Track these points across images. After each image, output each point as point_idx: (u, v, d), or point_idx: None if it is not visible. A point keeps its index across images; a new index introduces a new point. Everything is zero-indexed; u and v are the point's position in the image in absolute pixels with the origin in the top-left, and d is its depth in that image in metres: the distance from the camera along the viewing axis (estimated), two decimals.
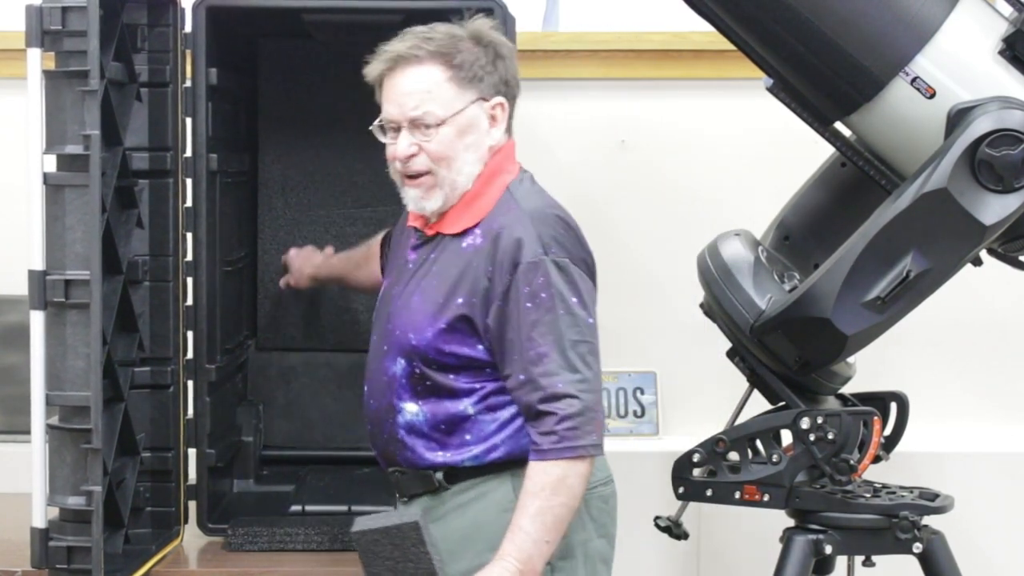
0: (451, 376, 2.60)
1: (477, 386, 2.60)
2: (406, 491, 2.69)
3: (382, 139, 2.68)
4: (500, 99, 2.64)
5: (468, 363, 2.59)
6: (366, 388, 2.73)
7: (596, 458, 2.57)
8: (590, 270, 2.62)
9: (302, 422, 3.59)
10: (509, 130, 2.70)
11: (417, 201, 2.65)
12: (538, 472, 2.51)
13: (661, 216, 3.85)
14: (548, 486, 2.50)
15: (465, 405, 2.60)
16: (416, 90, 2.61)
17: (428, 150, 2.61)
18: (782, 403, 3.01)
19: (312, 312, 3.59)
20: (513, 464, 2.60)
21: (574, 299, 2.55)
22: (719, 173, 3.86)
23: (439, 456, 2.62)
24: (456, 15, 3.23)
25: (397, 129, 2.64)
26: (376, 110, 3.53)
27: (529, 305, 2.53)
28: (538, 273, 2.53)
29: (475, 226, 2.62)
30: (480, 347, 2.59)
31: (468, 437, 2.61)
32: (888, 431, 3.11)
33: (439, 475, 2.63)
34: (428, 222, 2.68)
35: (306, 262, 3.37)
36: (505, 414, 2.61)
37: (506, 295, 2.54)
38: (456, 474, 2.63)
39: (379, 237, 3.12)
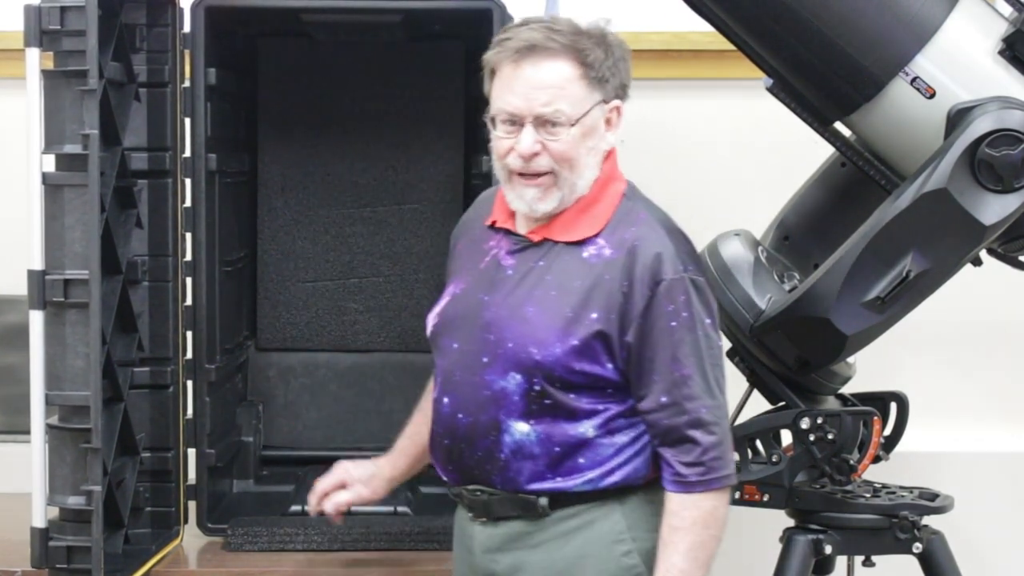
0: (572, 396, 2.43)
1: (600, 407, 2.44)
2: (493, 513, 2.50)
3: (493, 131, 2.48)
4: (618, 102, 2.49)
5: (594, 383, 2.44)
6: (448, 399, 2.50)
7: None
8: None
9: (302, 422, 3.59)
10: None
11: (533, 202, 2.46)
12: (687, 506, 2.41)
13: None
14: (700, 520, 2.40)
15: (585, 428, 2.44)
16: (549, 85, 2.42)
17: (553, 150, 2.43)
18: (782, 403, 3.00)
19: (312, 312, 3.59)
20: (623, 491, 2.46)
21: (708, 320, 2.44)
22: (719, 173, 3.86)
23: (547, 480, 2.45)
24: (456, 15, 3.25)
25: (515, 123, 2.44)
26: (376, 108, 3.56)
27: (674, 324, 2.40)
28: (679, 291, 2.41)
29: (596, 235, 2.46)
30: (610, 366, 2.43)
31: (582, 461, 2.45)
32: (888, 431, 3.11)
33: (543, 501, 2.46)
34: (520, 224, 2.52)
35: (375, 477, 2.85)
36: (623, 439, 2.46)
37: (646, 312, 2.40)
38: (562, 499, 2.47)
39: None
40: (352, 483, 2.81)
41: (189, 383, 3.17)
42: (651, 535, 2.46)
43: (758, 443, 2.97)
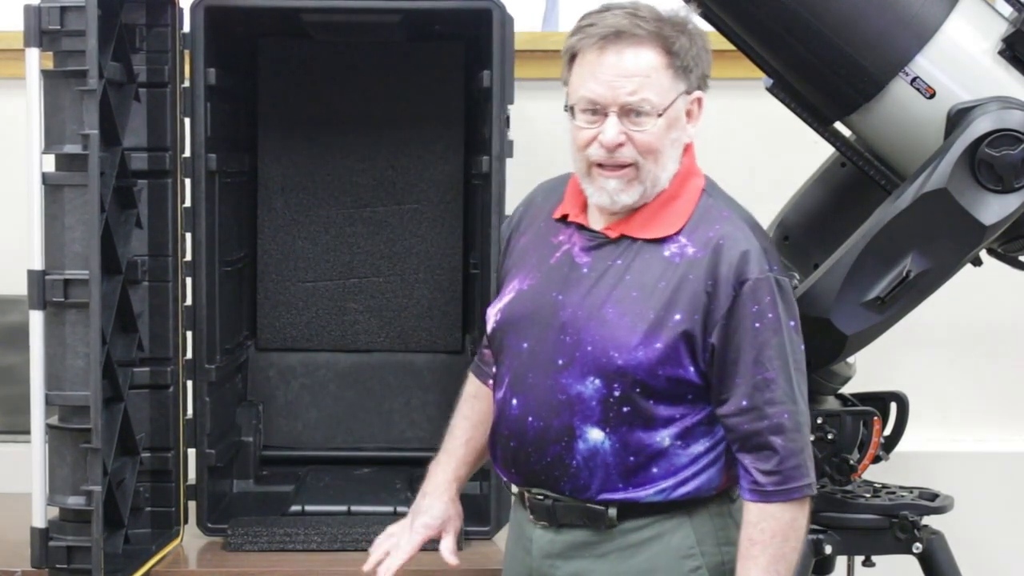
0: (651, 402, 2.35)
1: (678, 415, 2.36)
2: (557, 519, 2.43)
3: (573, 121, 2.38)
4: (700, 93, 2.41)
5: (675, 388, 2.35)
6: (516, 401, 2.41)
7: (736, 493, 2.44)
8: None
9: (302, 422, 3.59)
10: None
11: (615, 194, 2.36)
12: (766, 517, 2.33)
13: None
14: (779, 533, 2.33)
15: (662, 436, 2.36)
16: (635, 73, 2.32)
17: (637, 141, 2.34)
18: None
19: (312, 312, 3.59)
20: (694, 504, 2.39)
21: (792, 323, 2.38)
22: (718, 173, 3.84)
23: (618, 490, 2.38)
24: (456, 15, 3.25)
25: (597, 112, 2.35)
26: (376, 108, 3.56)
27: (758, 325, 2.33)
28: (765, 291, 2.33)
29: (677, 233, 2.38)
30: (692, 369, 2.35)
31: (656, 471, 2.36)
32: (888, 431, 3.11)
33: (612, 511, 2.38)
34: (595, 220, 2.43)
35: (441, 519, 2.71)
36: (699, 448, 2.38)
37: (730, 313, 2.32)
38: (632, 510, 2.39)
39: (476, 386, 2.67)
40: (442, 527, 2.67)
41: (189, 383, 3.17)
42: (719, 549, 2.42)
43: None
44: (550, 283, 2.43)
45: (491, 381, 2.61)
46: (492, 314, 2.50)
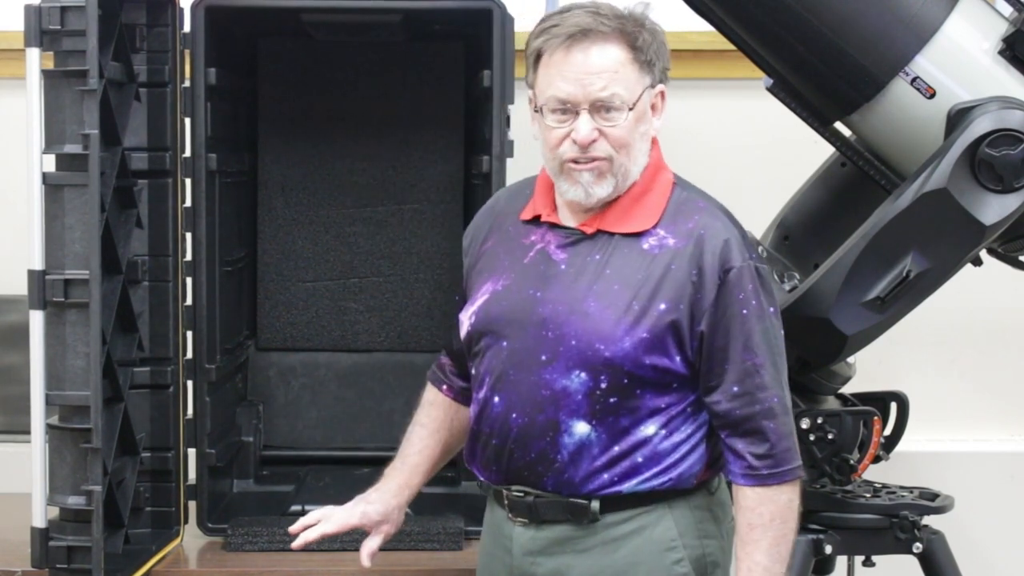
0: (638, 392, 2.38)
1: (663, 405, 2.39)
2: (538, 516, 2.44)
3: (543, 121, 2.41)
4: (663, 87, 2.43)
5: (661, 378, 2.38)
6: (499, 399, 2.43)
7: (725, 485, 2.48)
8: None
9: (302, 422, 3.59)
10: None
11: (588, 186, 2.38)
12: (764, 501, 2.37)
13: None
14: (778, 515, 2.37)
15: (647, 426, 2.39)
16: (604, 69, 2.35)
17: (610, 135, 2.37)
18: None
19: (312, 312, 3.59)
20: (674, 495, 2.42)
21: (771, 308, 2.41)
22: (719, 173, 3.84)
23: (603, 481, 2.40)
24: (456, 15, 3.25)
25: (567, 111, 2.37)
26: (376, 108, 3.56)
27: (745, 312, 2.36)
28: (748, 279, 2.37)
29: (655, 226, 2.41)
30: (678, 358, 2.38)
31: (639, 460, 2.39)
32: (888, 431, 3.11)
33: (595, 504, 2.40)
34: (568, 218, 2.45)
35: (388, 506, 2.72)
36: (680, 436, 2.41)
37: (717, 301, 2.36)
38: (614, 503, 2.41)
39: (433, 393, 2.70)
40: (374, 527, 2.66)
41: (189, 383, 3.17)
42: (700, 542, 2.44)
43: None
44: (526, 281, 2.45)
45: (445, 387, 2.67)
46: (466, 318, 2.51)
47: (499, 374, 2.44)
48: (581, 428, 2.39)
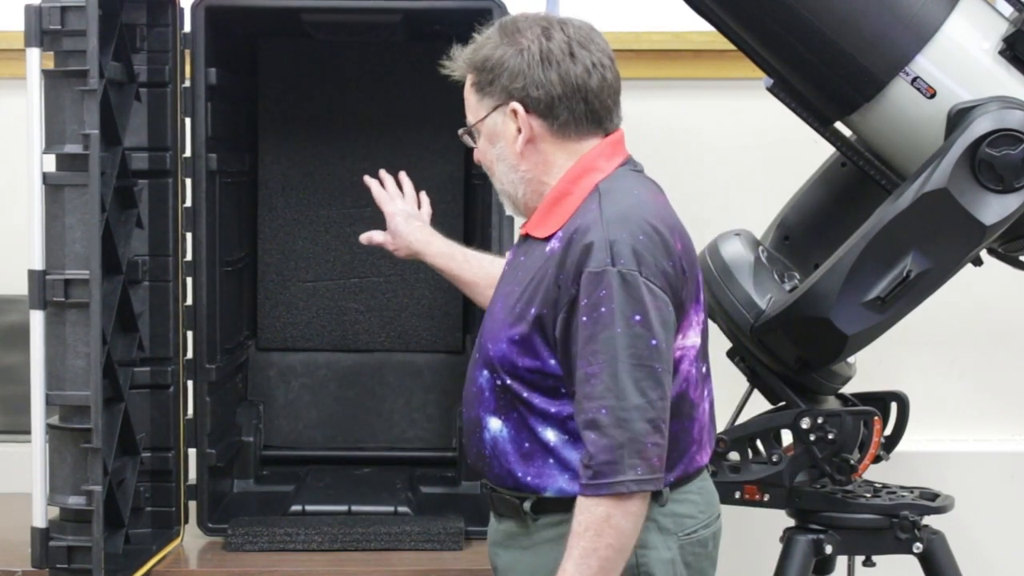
0: (527, 394, 2.38)
1: (553, 410, 2.37)
2: (496, 508, 2.50)
3: None
4: (514, 104, 2.41)
5: (541, 380, 2.37)
6: (463, 397, 2.55)
7: (694, 496, 2.42)
8: (670, 283, 2.33)
9: (302, 422, 3.59)
10: (601, 125, 2.44)
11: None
12: (583, 510, 2.29)
13: None
14: (592, 527, 2.27)
15: (544, 430, 2.38)
16: (465, 96, 2.51)
17: (479, 159, 2.53)
18: (782, 403, 3.01)
19: (312, 312, 3.59)
20: None
21: (637, 317, 2.28)
22: (719, 173, 3.86)
23: (525, 481, 2.41)
24: (456, 15, 3.25)
25: None
26: (376, 108, 3.56)
27: (585, 319, 2.29)
28: (600, 285, 2.29)
29: (560, 229, 2.41)
30: (552, 362, 2.36)
31: (551, 462, 2.38)
32: (888, 431, 3.11)
33: (527, 505, 2.41)
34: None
35: (412, 235, 2.98)
36: None
37: (571, 306, 2.32)
38: (544, 505, 2.41)
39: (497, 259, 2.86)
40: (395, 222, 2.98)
41: (189, 383, 3.17)
42: (633, 552, 2.35)
43: (759, 443, 2.98)
44: (497, 290, 2.54)
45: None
46: None
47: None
48: (494, 424, 2.43)
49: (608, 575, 2.28)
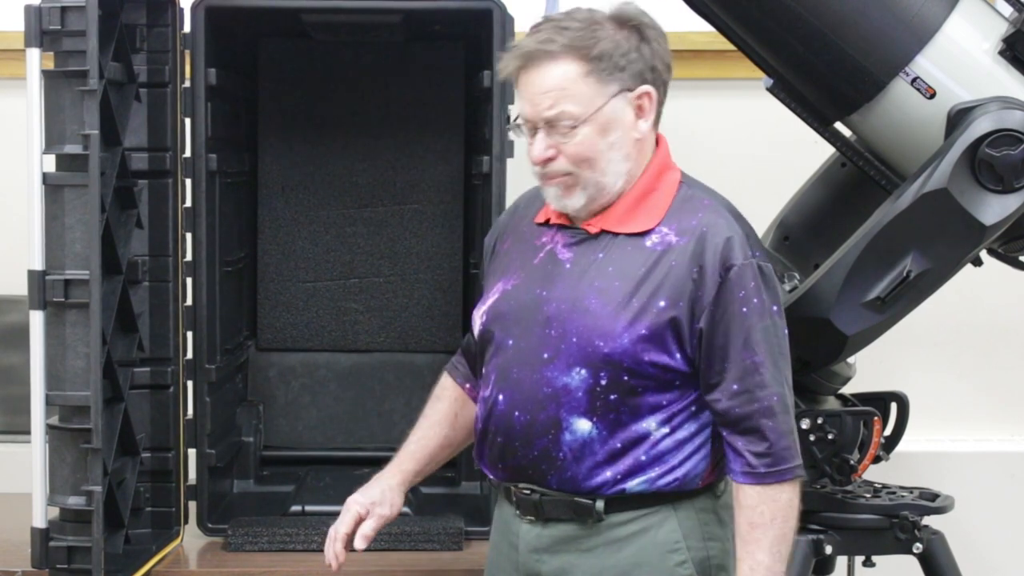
0: (639, 389, 2.38)
1: (664, 402, 2.39)
2: (544, 514, 2.45)
3: (520, 138, 2.49)
4: (646, 88, 2.40)
5: (661, 375, 2.38)
6: (503, 396, 2.44)
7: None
8: None
9: (302, 422, 3.59)
10: (658, 121, 2.47)
11: (558, 199, 2.43)
12: (765, 500, 2.35)
13: None
14: (779, 515, 2.35)
15: (648, 422, 2.39)
16: (551, 88, 2.38)
17: (567, 152, 2.39)
18: None
19: (312, 312, 3.59)
20: (679, 497, 2.41)
21: (775, 307, 2.39)
22: (719, 173, 3.83)
23: (606, 479, 2.40)
24: (456, 15, 3.25)
25: (534, 128, 2.42)
26: (376, 108, 3.56)
27: (745, 310, 2.35)
28: (750, 277, 2.36)
29: (659, 224, 2.41)
30: (679, 356, 2.38)
31: (643, 458, 2.39)
32: (888, 431, 3.11)
33: (600, 504, 2.40)
34: (577, 218, 2.47)
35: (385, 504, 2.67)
36: (683, 434, 2.41)
37: (717, 298, 2.35)
38: (619, 503, 2.41)
39: (448, 383, 2.71)
40: (369, 510, 2.63)
41: (189, 383, 3.17)
42: (704, 544, 2.44)
43: None
44: (534, 281, 2.46)
45: (460, 379, 2.69)
46: (478, 316, 2.54)
47: (503, 372, 2.45)
48: (582, 425, 2.39)
49: (789, 557, 2.40)
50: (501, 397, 2.45)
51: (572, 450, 2.40)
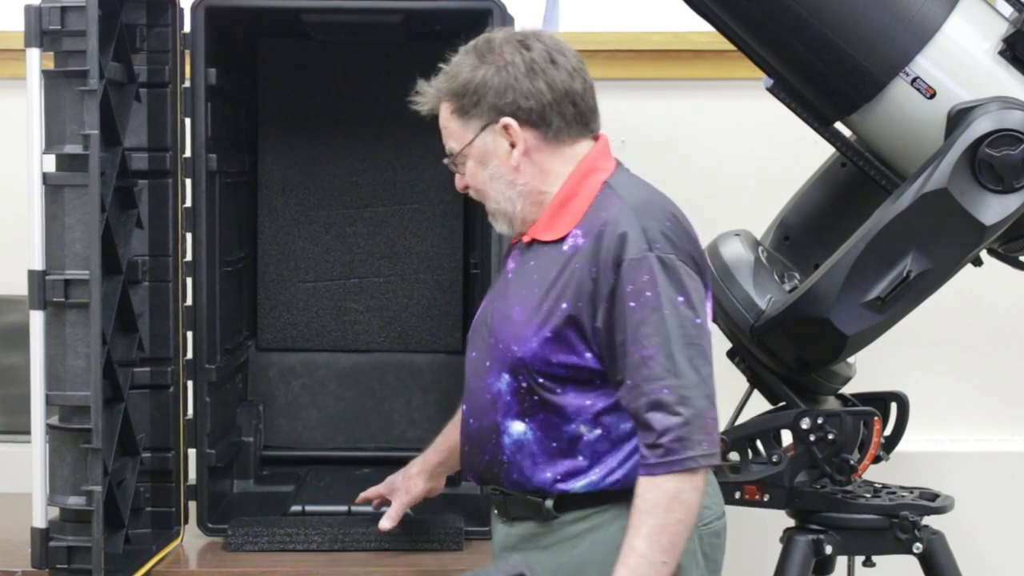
0: (559, 391, 2.44)
1: (587, 403, 2.43)
2: (509, 513, 2.54)
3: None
4: (505, 119, 2.47)
5: (577, 375, 2.43)
6: (465, 406, 2.57)
7: (711, 490, 2.48)
8: (698, 266, 2.44)
9: (302, 422, 3.59)
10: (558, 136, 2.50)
11: (494, 224, 2.58)
12: (650, 488, 2.34)
13: None
14: (661, 503, 2.33)
15: (577, 425, 2.44)
16: (442, 127, 2.56)
17: (469, 184, 2.55)
18: (782, 403, 3.01)
19: (312, 312, 3.59)
20: (628, 494, 2.40)
21: (680, 298, 2.37)
22: (719, 173, 3.86)
23: (547, 479, 2.46)
24: (456, 15, 3.25)
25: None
26: (376, 108, 3.56)
27: (633, 304, 2.36)
28: (642, 270, 2.37)
29: (575, 227, 2.46)
30: (588, 355, 2.42)
31: (582, 461, 2.44)
32: (888, 431, 3.12)
33: (549, 503, 2.47)
34: (522, 231, 2.56)
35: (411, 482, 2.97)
36: (618, 434, 2.44)
37: (612, 295, 2.38)
38: (568, 502, 2.47)
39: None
40: (394, 492, 2.95)
41: (189, 383, 3.17)
42: None
43: (759, 443, 2.98)
44: (493, 295, 2.59)
45: None
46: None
47: (466, 383, 2.58)
48: (517, 427, 2.47)
49: (676, 550, 2.35)
50: (464, 407, 2.58)
51: (512, 452, 2.48)
